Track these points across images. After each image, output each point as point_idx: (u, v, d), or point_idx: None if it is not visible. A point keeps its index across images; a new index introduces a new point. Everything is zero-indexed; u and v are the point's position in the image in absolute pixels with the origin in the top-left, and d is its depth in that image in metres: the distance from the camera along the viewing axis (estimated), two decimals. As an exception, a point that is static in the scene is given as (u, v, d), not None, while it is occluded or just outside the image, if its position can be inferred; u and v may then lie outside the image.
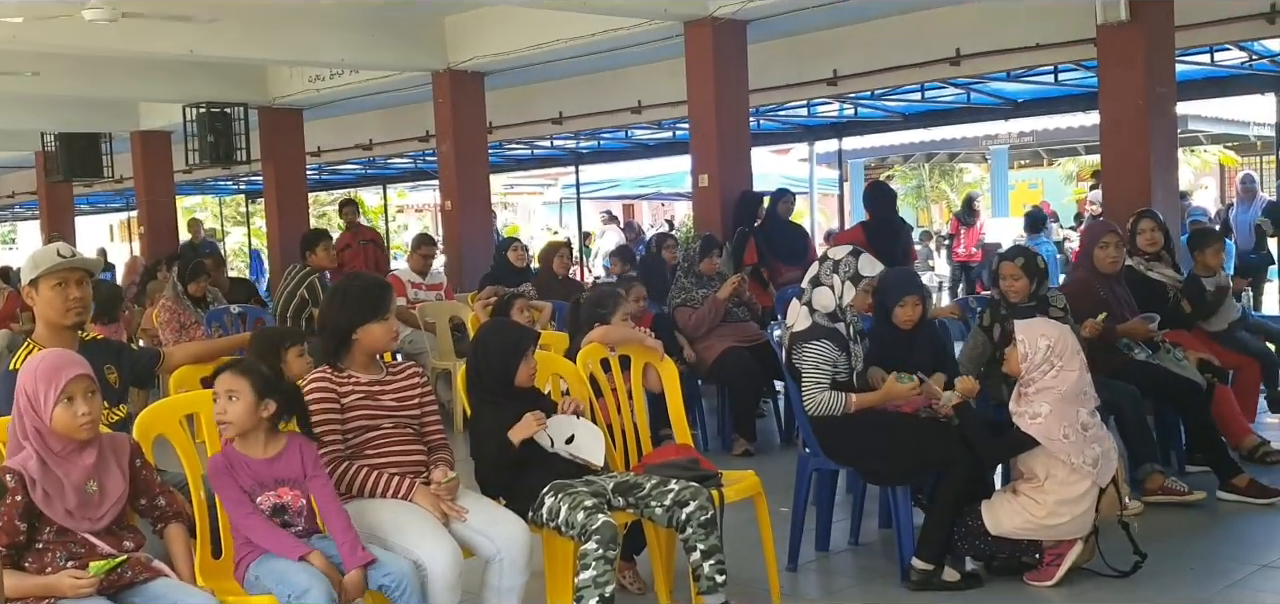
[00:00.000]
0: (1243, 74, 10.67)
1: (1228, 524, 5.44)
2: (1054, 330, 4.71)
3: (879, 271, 4.91)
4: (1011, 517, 4.58)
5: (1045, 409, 4.54)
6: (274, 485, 3.51)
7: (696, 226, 9.68)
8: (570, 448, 4.11)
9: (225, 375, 3.57)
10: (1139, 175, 7.70)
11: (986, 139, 17.67)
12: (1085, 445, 4.51)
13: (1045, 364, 4.59)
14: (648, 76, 12.35)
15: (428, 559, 3.53)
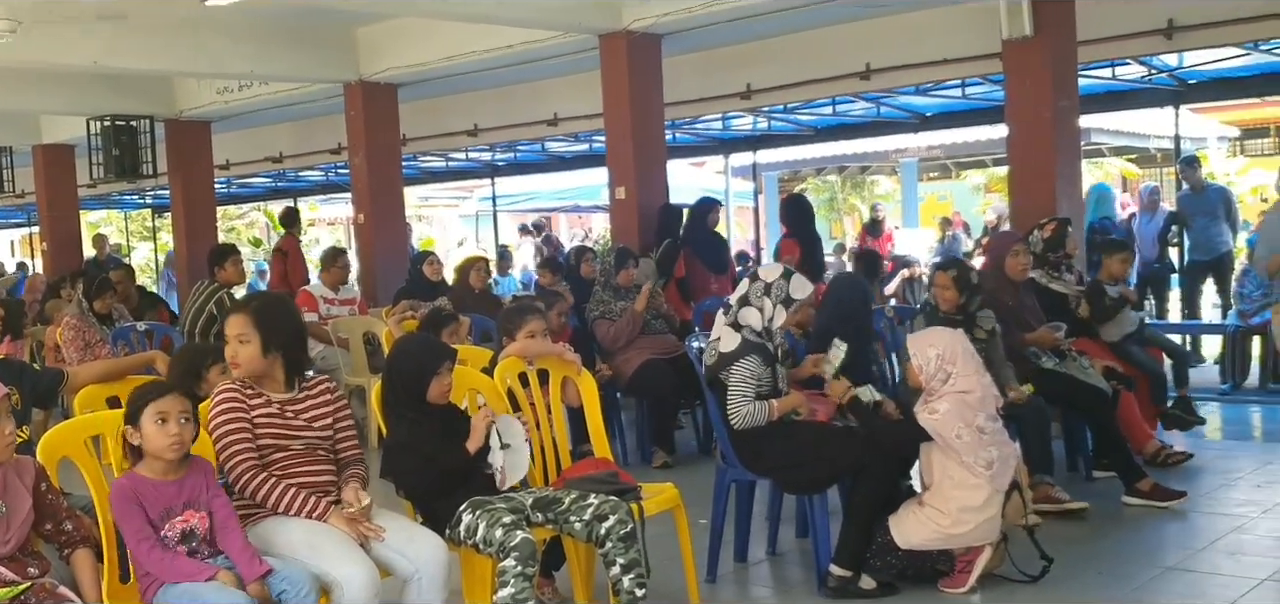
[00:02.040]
0: (1142, 88, 10.98)
1: (1134, 528, 5.59)
2: (942, 338, 4.79)
3: (810, 293, 4.95)
4: (918, 529, 4.65)
5: (943, 407, 4.63)
6: (182, 509, 3.43)
7: (614, 239, 9.69)
8: (501, 460, 4.07)
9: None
10: (1044, 186, 7.87)
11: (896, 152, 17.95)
12: (980, 447, 4.58)
13: (940, 373, 4.67)
14: (563, 89, 12.36)
15: (345, 581, 3.47)
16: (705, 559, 4.98)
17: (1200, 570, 4.90)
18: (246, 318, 3.78)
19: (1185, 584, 4.76)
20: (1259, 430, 8.37)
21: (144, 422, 3.40)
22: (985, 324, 5.82)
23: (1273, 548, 5.12)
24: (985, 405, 4.67)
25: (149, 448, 3.40)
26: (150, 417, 3.40)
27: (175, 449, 3.42)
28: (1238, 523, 5.52)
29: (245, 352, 3.74)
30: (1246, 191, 18.94)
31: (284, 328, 3.81)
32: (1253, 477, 6.48)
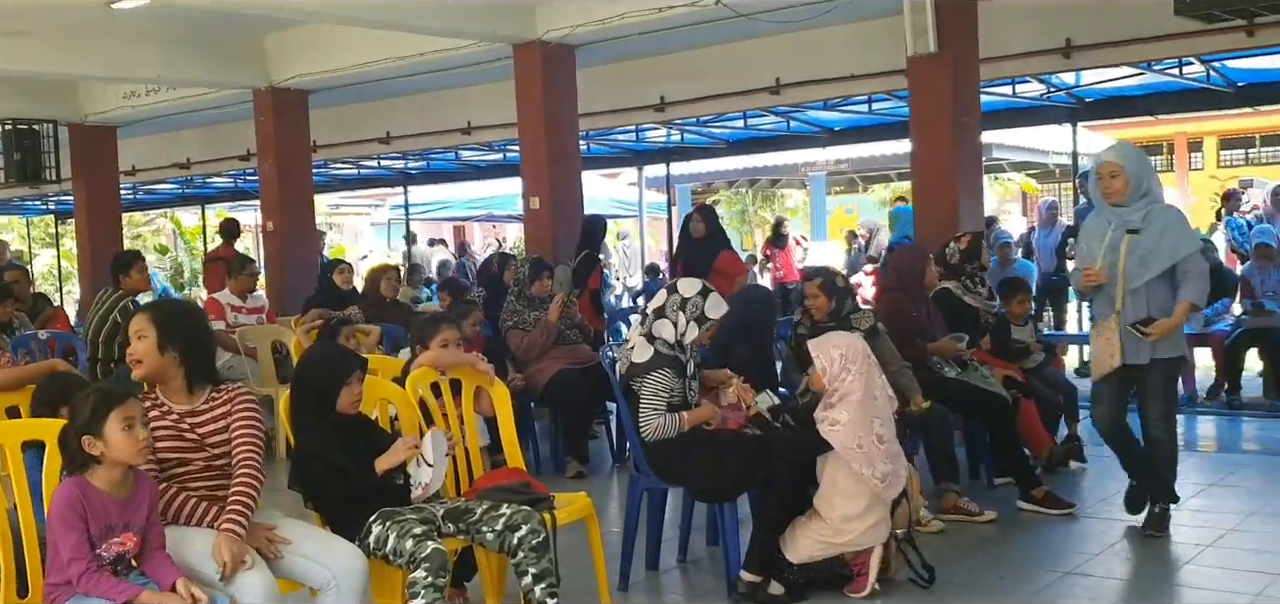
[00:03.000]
0: (1042, 105, 11.31)
1: (1032, 534, 5.75)
2: (844, 339, 4.92)
3: (724, 313, 5.01)
4: (805, 541, 4.75)
5: (845, 417, 4.72)
6: (122, 529, 3.32)
7: (528, 249, 9.70)
8: (426, 476, 4.05)
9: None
10: (947, 200, 8.06)
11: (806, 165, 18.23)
12: (878, 459, 4.68)
13: (843, 371, 4.78)
14: (478, 98, 12.35)
15: (241, 591, 3.41)
16: (617, 567, 5.02)
17: (1099, 575, 5.05)
18: (145, 315, 3.73)
19: (1084, 588, 4.89)
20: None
21: (110, 428, 3.28)
22: (861, 324, 5.95)
23: (1164, 552, 5.30)
24: (881, 410, 4.79)
25: (115, 455, 3.28)
26: (117, 423, 3.28)
27: (143, 455, 3.35)
28: (1131, 529, 5.69)
29: (142, 346, 3.65)
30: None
31: (182, 328, 3.72)
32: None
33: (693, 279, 5.11)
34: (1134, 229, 5.19)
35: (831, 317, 5.93)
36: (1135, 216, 5.22)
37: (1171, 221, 5.28)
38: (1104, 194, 5.32)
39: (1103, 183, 5.31)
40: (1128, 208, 5.24)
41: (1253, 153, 23.37)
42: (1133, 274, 5.22)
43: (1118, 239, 5.23)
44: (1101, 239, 5.30)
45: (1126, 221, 5.22)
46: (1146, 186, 5.26)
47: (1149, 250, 5.18)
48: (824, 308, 5.95)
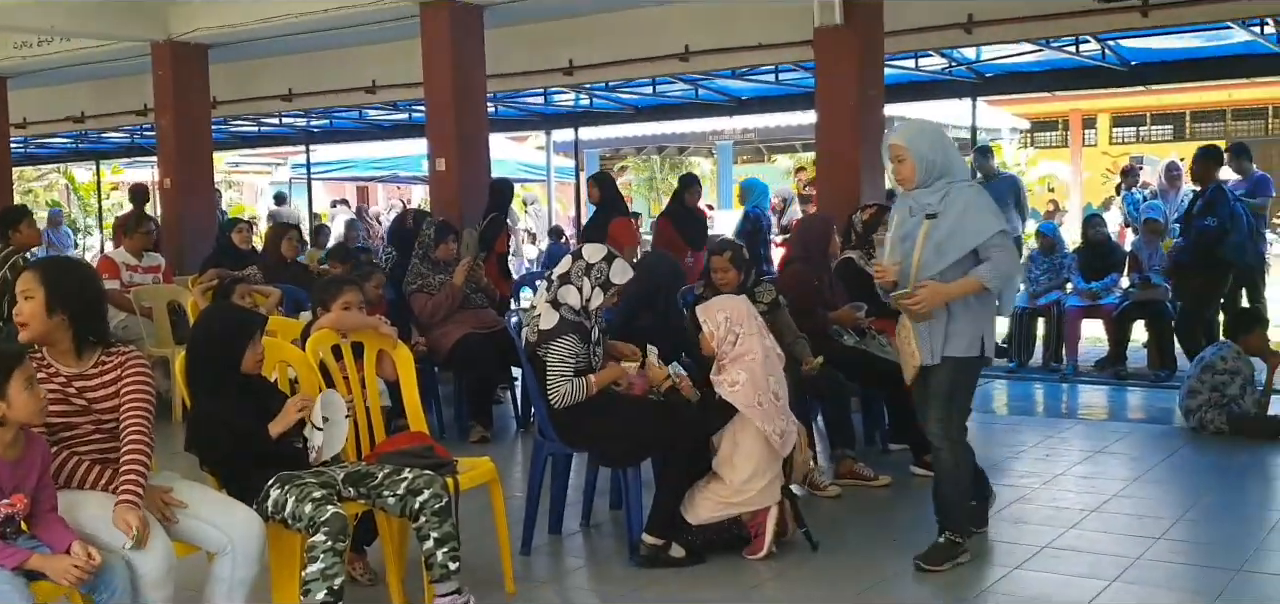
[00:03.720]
0: (944, 79, 11.53)
1: (924, 498, 5.81)
2: (729, 303, 5.00)
3: (629, 278, 5.04)
4: (705, 504, 4.83)
5: (742, 377, 4.81)
6: (11, 491, 3.24)
7: (434, 211, 9.62)
8: (319, 440, 4.01)
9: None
10: (850, 172, 8.19)
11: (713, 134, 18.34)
12: (776, 416, 4.79)
13: (729, 336, 4.87)
14: (383, 56, 12.17)
15: (138, 556, 3.35)
16: (520, 532, 5.05)
17: (986, 538, 5.20)
18: (33, 274, 3.61)
19: (974, 551, 5.02)
20: (1041, 406, 8.94)
21: (12, 389, 3.20)
22: (765, 297, 6.08)
23: (1053, 516, 5.47)
24: (771, 367, 4.88)
25: (18, 415, 3.21)
26: (20, 383, 3.22)
27: (44, 414, 3.30)
28: (1022, 493, 5.90)
29: (29, 308, 3.52)
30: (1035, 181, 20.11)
31: (72, 290, 3.60)
32: (1036, 450, 6.92)
33: (597, 245, 5.12)
34: (932, 214, 4.62)
35: (739, 289, 6.01)
36: (933, 199, 4.64)
37: (970, 203, 4.65)
38: (896, 181, 4.82)
39: (890, 168, 4.80)
40: (926, 191, 4.66)
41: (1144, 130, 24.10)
42: (928, 263, 4.61)
43: (914, 227, 4.66)
44: (899, 228, 4.76)
45: (924, 206, 4.66)
46: (942, 167, 4.67)
47: (945, 236, 4.60)
48: (733, 281, 6.03)
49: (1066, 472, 6.36)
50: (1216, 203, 8.51)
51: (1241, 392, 7.04)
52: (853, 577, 4.68)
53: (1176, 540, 5.07)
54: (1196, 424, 7.16)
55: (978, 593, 4.46)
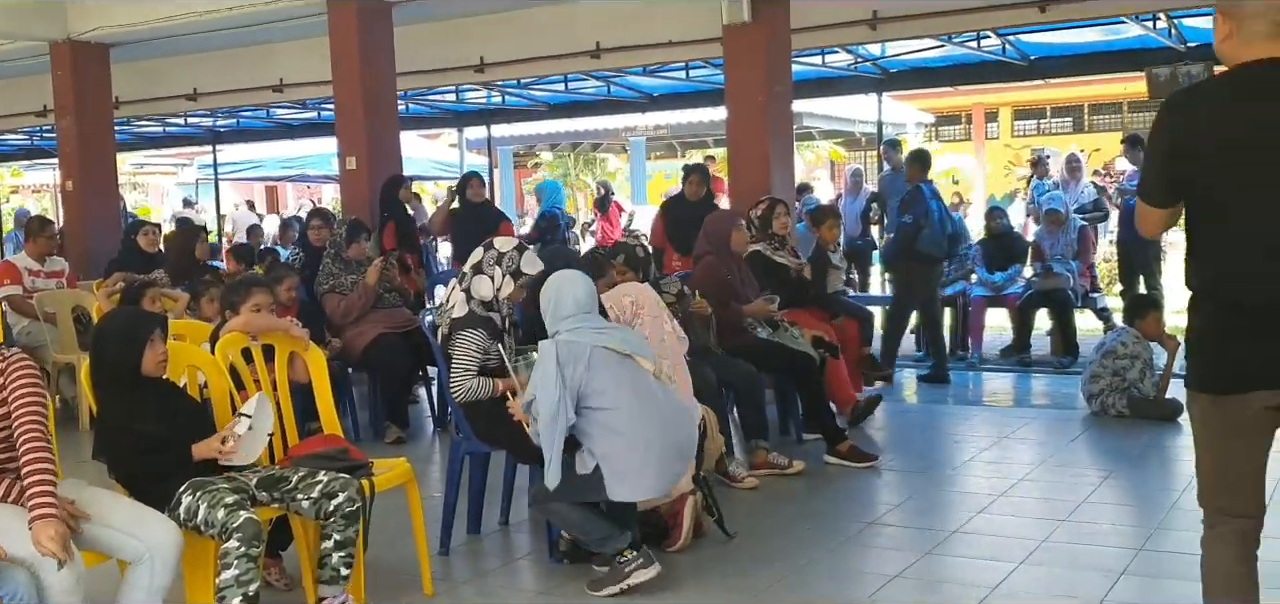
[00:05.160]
0: (849, 75, 11.71)
1: (837, 486, 6.02)
2: (634, 288, 5.06)
3: (540, 270, 5.06)
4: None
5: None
6: None
7: (345, 211, 9.51)
8: (243, 422, 3.97)
9: None
10: (760, 167, 8.29)
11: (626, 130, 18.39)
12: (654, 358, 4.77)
13: (634, 318, 4.95)
14: (290, 54, 11.98)
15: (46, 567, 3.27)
16: (439, 532, 5.04)
17: (898, 525, 5.34)
18: None
19: (886, 537, 5.17)
20: (950, 393, 9.13)
21: None
22: (670, 289, 6.19)
23: (961, 502, 5.63)
24: (671, 352, 4.91)
25: None
26: None
27: None
28: (931, 479, 6.05)
29: None
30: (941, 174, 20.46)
31: None
32: (945, 437, 7.10)
33: (509, 238, 5.16)
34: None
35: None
36: None
37: None
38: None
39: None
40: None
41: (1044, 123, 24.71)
42: None
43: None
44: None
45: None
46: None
47: None
48: (622, 280, 6.09)
49: (975, 457, 6.52)
50: (913, 202, 9.07)
51: (1141, 376, 7.27)
52: (767, 565, 4.74)
53: (1081, 521, 5.23)
54: (1099, 408, 7.38)
55: (891, 579, 4.56)
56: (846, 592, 4.47)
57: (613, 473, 4.39)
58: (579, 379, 4.36)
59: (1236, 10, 2.89)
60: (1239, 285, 2.91)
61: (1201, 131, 2.92)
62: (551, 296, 4.60)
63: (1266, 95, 2.87)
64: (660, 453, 4.41)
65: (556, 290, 4.60)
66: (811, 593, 4.47)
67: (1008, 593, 4.36)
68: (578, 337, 4.42)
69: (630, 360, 4.47)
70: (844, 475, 6.18)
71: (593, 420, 4.40)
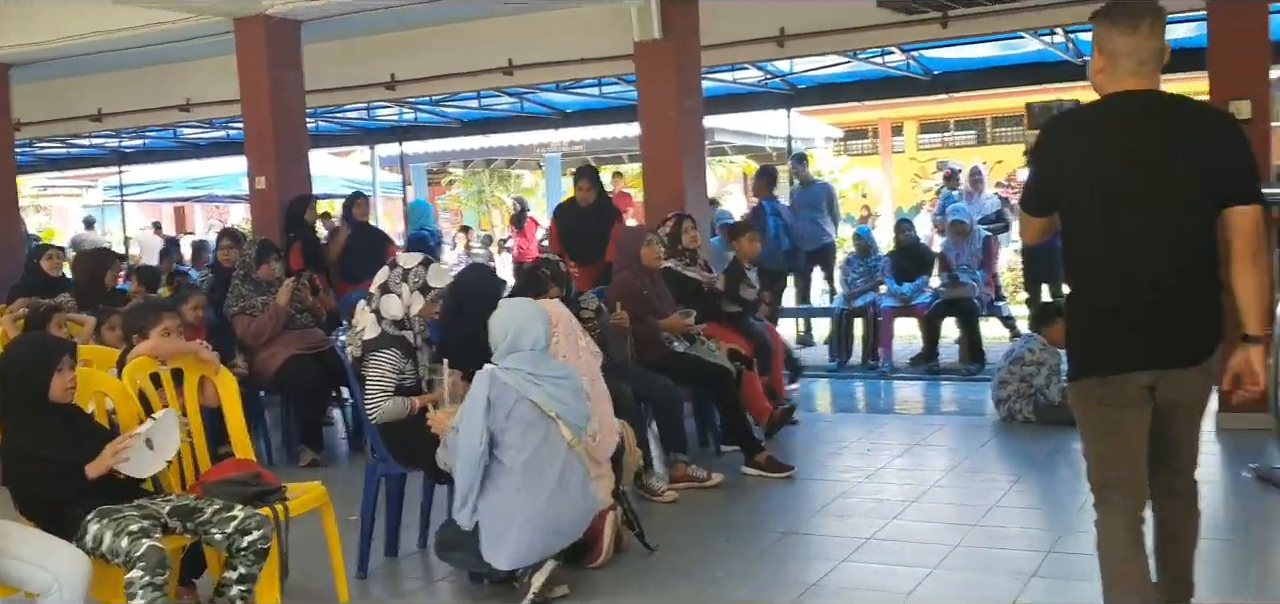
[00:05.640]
0: (760, 91, 11.86)
1: (754, 497, 6.08)
2: (548, 305, 5.00)
3: (449, 282, 5.05)
4: None
5: None
6: None
7: (255, 231, 9.37)
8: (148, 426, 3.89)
9: None
10: (674, 182, 8.36)
11: (540, 146, 18.38)
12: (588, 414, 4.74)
13: (552, 336, 4.89)
14: (197, 73, 11.78)
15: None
16: (355, 556, 4.98)
17: (815, 533, 5.41)
18: None
19: (801, 546, 5.23)
20: (862, 403, 9.29)
21: None
22: (588, 306, 6.23)
23: (874, 510, 5.69)
24: (587, 368, 4.90)
25: None
26: None
27: None
28: (845, 488, 6.12)
29: None
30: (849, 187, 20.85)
31: None
32: (857, 445, 7.18)
33: (413, 253, 5.16)
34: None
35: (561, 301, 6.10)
36: None
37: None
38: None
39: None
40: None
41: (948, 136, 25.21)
42: None
43: None
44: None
45: None
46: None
47: None
48: (554, 295, 6.10)
49: (887, 465, 6.63)
50: (754, 219, 9.59)
51: (1047, 382, 7.44)
52: (687, 578, 4.78)
53: (991, 526, 5.34)
54: (1006, 414, 7.55)
55: (808, 587, 4.62)
56: (765, 602, 4.51)
57: (486, 531, 4.39)
58: (496, 424, 4.36)
59: (1111, 49, 3.31)
60: (1109, 287, 3.33)
61: (1076, 151, 3.36)
62: (509, 329, 4.55)
63: (1131, 122, 3.31)
64: (535, 530, 4.39)
65: (518, 325, 4.55)
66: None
67: (922, 598, 4.44)
68: (510, 379, 4.40)
69: (551, 424, 4.44)
70: (762, 486, 6.24)
71: (489, 470, 4.39)
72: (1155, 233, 3.27)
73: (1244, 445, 6.29)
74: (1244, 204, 3.26)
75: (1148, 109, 3.31)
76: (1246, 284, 3.25)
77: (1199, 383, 3.36)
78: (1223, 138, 3.33)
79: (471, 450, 4.33)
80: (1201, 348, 3.32)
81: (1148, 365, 3.29)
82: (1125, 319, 3.30)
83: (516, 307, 4.70)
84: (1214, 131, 3.33)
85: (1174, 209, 3.27)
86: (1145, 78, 3.30)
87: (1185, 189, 3.26)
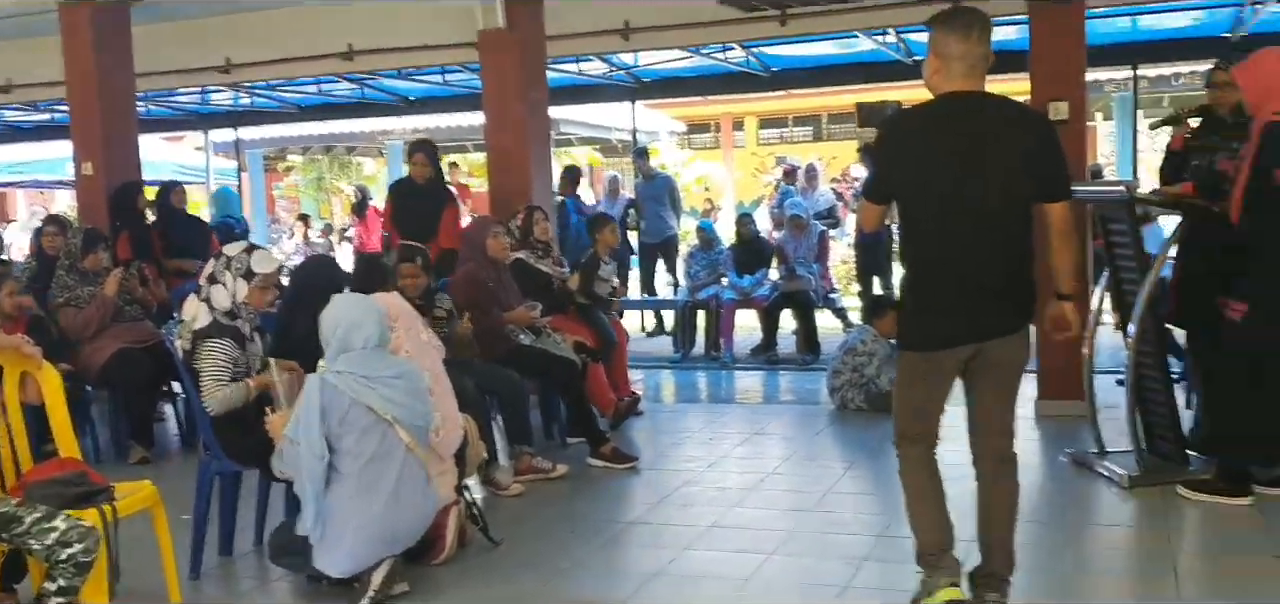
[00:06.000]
0: (605, 83, 11.92)
1: (599, 488, 6.14)
2: (384, 298, 4.94)
3: (274, 267, 4.97)
4: None
5: None
6: None
7: (82, 218, 8.98)
8: None
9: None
10: (519, 173, 8.32)
11: (382, 134, 18.07)
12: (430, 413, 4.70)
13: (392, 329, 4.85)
14: (19, 53, 11.19)
15: None
16: (188, 556, 4.84)
17: (658, 522, 5.47)
18: None
19: (646, 535, 5.29)
20: (705, 393, 9.46)
21: None
22: (444, 305, 6.23)
23: (717, 498, 5.80)
24: (429, 364, 4.86)
25: None
26: None
27: None
28: (688, 477, 6.22)
29: None
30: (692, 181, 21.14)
31: None
32: (700, 435, 7.31)
33: (239, 241, 5.10)
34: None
35: (424, 295, 6.04)
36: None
37: None
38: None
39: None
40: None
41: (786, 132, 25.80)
42: None
43: None
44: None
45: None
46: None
47: None
48: (421, 286, 6.04)
49: (728, 454, 6.77)
50: (556, 216, 9.77)
51: (878, 371, 7.70)
52: (532, 570, 4.80)
53: (827, 511, 5.51)
54: (840, 403, 7.79)
55: (651, 576, 4.68)
56: (609, 591, 4.56)
57: (319, 539, 4.33)
58: (331, 431, 4.29)
59: (946, 53, 3.71)
60: (942, 285, 3.76)
61: (912, 152, 3.78)
62: (339, 327, 4.44)
63: (961, 120, 3.71)
64: (371, 538, 4.34)
65: (349, 323, 4.45)
66: (575, 595, 4.54)
67: (760, 583, 4.56)
68: (342, 383, 4.32)
69: (388, 428, 4.38)
70: (607, 477, 6.30)
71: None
72: (985, 235, 3.70)
73: (1061, 432, 6.65)
74: (1056, 201, 3.78)
75: (976, 109, 3.72)
76: (1062, 258, 3.85)
77: (1016, 347, 3.85)
78: (1040, 140, 3.78)
79: (316, 463, 4.25)
80: (1019, 320, 3.83)
81: (970, 341, 3.77)
82: (955, 309, 3.76)
83: (347, 303, 4.58)
84: (1032, 133, 3.78)
85: (999, 207, 3.69)
86: (974, 80, 3.71)
87: (1008, 187, 3.69)
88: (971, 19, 3.70)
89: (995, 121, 3.72)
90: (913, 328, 3.90)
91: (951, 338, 3.78)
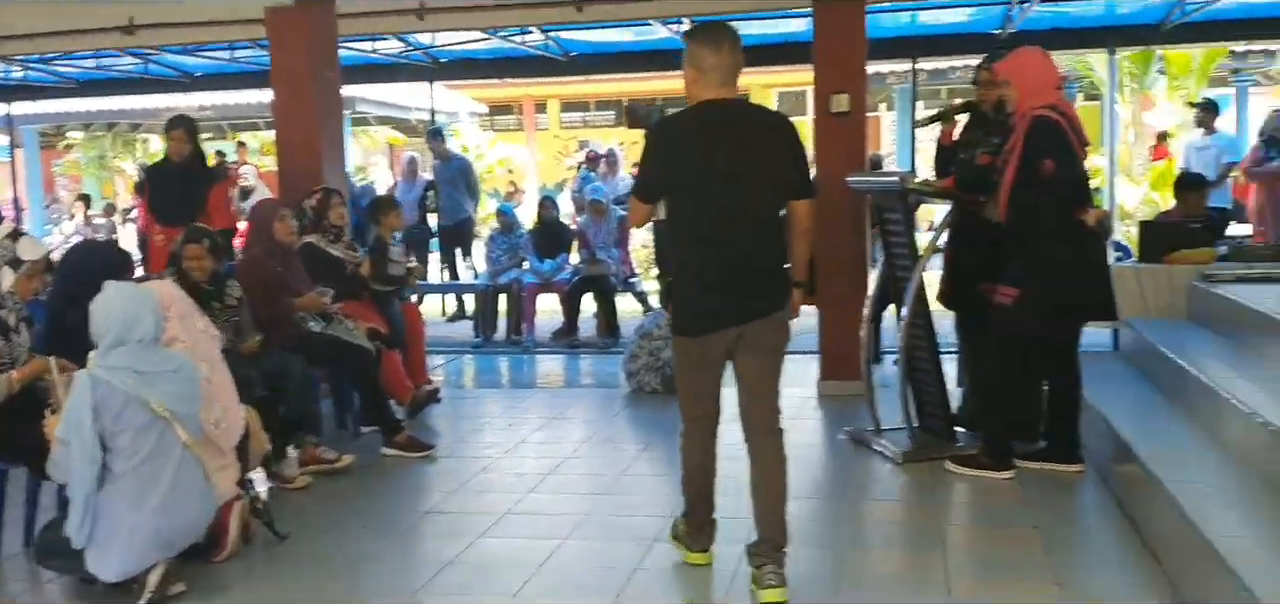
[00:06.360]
0: (401, 62, 11.73)
1: (394, 478, 6.08)
2: (157, 285, 4.83)
3: (41, 254, 4.74)
4: None
5: None
6: None
7: None
8: None
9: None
10: (310, 153, 8.08)
11: (168, 110, 17.30)
12: (211, 401, 4.61)
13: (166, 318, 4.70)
14: None
15: None
16: (-52, 560, 4.58)
17: (454, 511, 5.45)
18: None
19: (442, 525, 5.25)
20: (506, 378, 9.45)
21: None
22: (233, 292, 6.05)
23: (514, 484, 5.82)
24: (206, 353, 4.75)
25: None
26: None
27: None
28: (485, 464, 6.22)
29: None
30: (495, 163, 21.01)
31: None
32: (499, 420, 7.32)
33: (7, 223, 4.85)
34: None
35: (212, 279, 5.83)
36: None
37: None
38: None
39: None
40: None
41: (588, 116, 25.94)
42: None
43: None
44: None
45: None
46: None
47: None
48: (207, 269, 5.82)
49: (527, 439, 6.80)
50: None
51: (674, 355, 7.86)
52: (322, 564, 4.72)
53: (621, 493, 5.62)
54: (636, 386, 7.92)
55: (445, 565, 4.67)
56: (402, 582, 4.52)
57: (88, 542, 4.18)
58: (105, 430, 4.12)
59: (701, 64, 4.03)
60: (708, 277, 4.08)
61: (675, 148, 4.09)
62: (115, 320, 4.23)
63: (725, 125, 4.04)
64: (145, 540, 4.20)
65: (128, 317, 4.24)
66: (368, 587, 4.49)
67: (554, 568, 4.61)
68: (116, 380, 4.13)
69: (166, 427, 4.23)
70: (401, 466, 6.24)
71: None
72: (747, 229, 4.05)
73: (841, 411, 6.94)
74: (800, 199, 4.15)
75: (736, 116, 4.07)
76: (799, 252, 4.22)
77: (775, 328, 4.18)
78: (790, 145, 4.13)
79: (89, 466, 4.07)
80: (774, 304, 4.15)
81: (733, 324, 4.10)
82: (719, 297, 4.09)
83: (120, 294, 4.37)
84: (783, 138, 4.12)
85: (759, 205, 4.07)
86: (729, 88, 4.06)
87: (767, 187, 4.08)
88: (722, 33, 4.04)
89: (754, 127, 4.07)
90: (683, 315, 4.20)
91: (717, 322, 4.10)
